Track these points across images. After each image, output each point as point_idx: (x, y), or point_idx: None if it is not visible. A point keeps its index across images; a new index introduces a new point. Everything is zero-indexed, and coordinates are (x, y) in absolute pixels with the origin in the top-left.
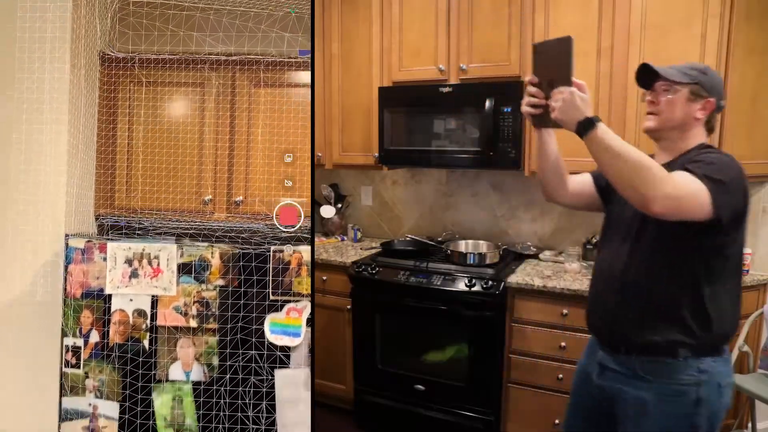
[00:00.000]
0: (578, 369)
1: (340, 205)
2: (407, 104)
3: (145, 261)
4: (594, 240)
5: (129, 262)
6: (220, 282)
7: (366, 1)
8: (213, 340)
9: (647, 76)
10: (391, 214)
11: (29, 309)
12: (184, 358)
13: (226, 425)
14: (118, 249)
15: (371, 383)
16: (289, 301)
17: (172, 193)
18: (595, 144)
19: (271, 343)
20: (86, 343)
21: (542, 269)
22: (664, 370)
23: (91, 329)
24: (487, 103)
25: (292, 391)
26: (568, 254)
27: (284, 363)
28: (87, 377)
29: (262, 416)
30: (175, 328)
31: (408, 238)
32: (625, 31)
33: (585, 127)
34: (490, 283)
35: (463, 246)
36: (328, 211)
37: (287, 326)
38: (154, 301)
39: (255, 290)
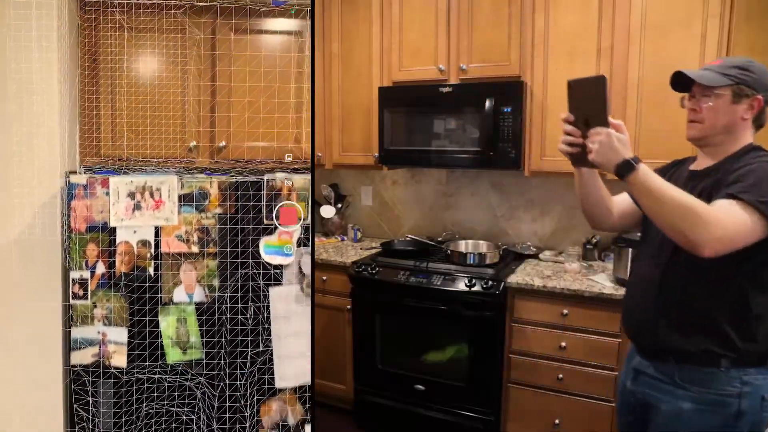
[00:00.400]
0: (620, 377)
1: (340, 205)
2: (407, 104)
3: (147, 194)
4: (594, 240)
5: (131, 195)
6: (219, 210)
7: (366, 1)
8: (213, 263)
9: (683, 80)
10: (391, 214)
11: (30, 246)
12: (186, 282)
13: (228, 338)
14: (121, 183)
15: (371, 383)
16: (282, 225)
17: (157, 140)
18: (635, 187)
19: (266, 263)
20: (93, 274)
21: (542, 269)
22: (704, 379)
23: (97, 261)
24: (487, 103)
25: (285, 305)
26: (568, 254)
27: (278, 281)
28: (95, 307)
29: (261, 329)
30: (178, 254)
31: (408, 238)
32: (625, 31)
33: (624, 170)
34: (490, 283)
35: (463, 246)
36: (328, 211)
37: (280, 247)
38: (157, 231)
39: (251, 215)
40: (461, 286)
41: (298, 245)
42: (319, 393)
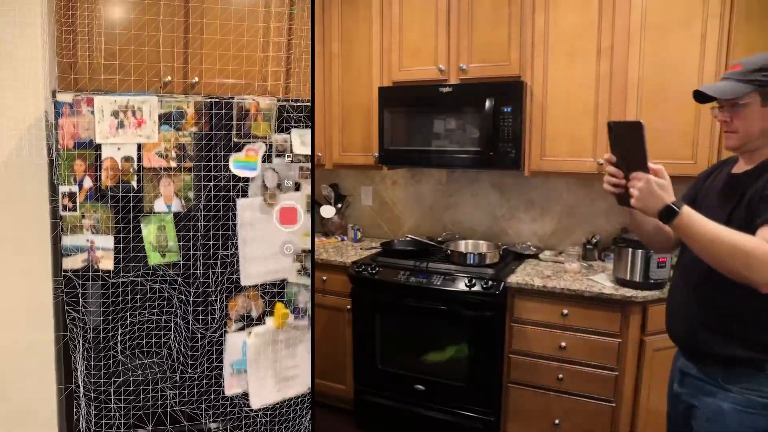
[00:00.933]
0: (669, 379)
1: (340, 205)
2: (407, 104)
3: (129, 113)
4: (594, 240)
5: (115, 114)
6: (194, 129)
7: (366, 1)
8: (189, 177)
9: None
10: (391, 214)
11: (19, 166)
12: (165, 194)
13: (201, 242)
14: (105, 102)
15: (371, 383)
16: (248, 143)
17: (132, 75)
18: (681, 232)
19: (234, 177)
20: (80, 188)
21: (542, 269)
22: (748, 382)
23: (84, 176)
24: (487, 103)
25: (251, 214)
26: (568, 254)
27: (245, 192)
28: (83, 217)
29: (230, 234)
30: (158, 169)
31: (408, 238)
32: (625, 31)
33: (667, 216)
34: (490, 283)
35: (463, 246)
36: (328, 211)
37: (246, 162)
38: (139, 147)
39: (222, 133)
40: (461, 286)
41: (263, 161)
42: (319, 393)
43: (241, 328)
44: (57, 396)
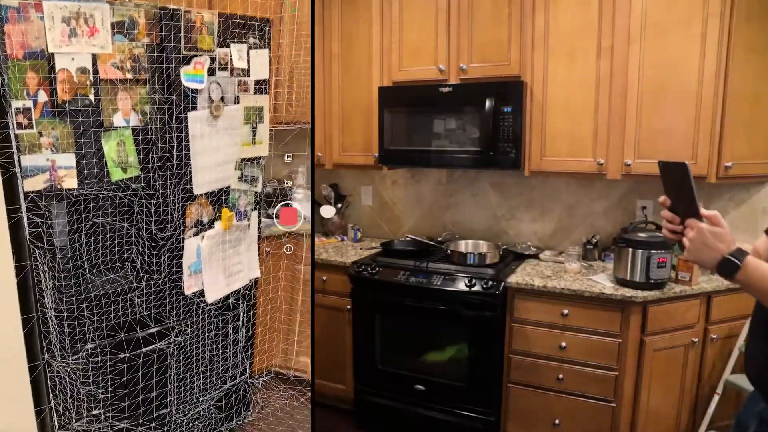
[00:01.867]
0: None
1: (340, 205)
2: (407, 104)
3: (81, 20)
4: (594, 240)
5: (66, 21)
6: (146, 40)
7: (366, 1)
8: (144, 90)
9: None
10: (391, 214)
11: None
12: (123, 108)
13: (159, 154)
14: (54, 8)
15: (371, 383)
16: (195, 56)
17: None
18: (744, 285)
19: (185, 89)
20: (35, 103)
21: (542, 269)
22: None
23: (38, 90)
24: (487, 103)
25: (199, 126)
26: (568, 254)
27: (194, 105)
28: (41, 135)
29: (183, 144)
30: (115, 81)
31: (408, 238)
32: (625, 30)
33: (727, 272)
34: (490, 283)
35: (463, 246)
36: (328, 211)
37: (194, 75)
38: (94, 59)
39: (173, 45)
40: (461, 286)
41: (209, 74)
42: (319, 393)
43: (196, 233)
44: (23, 326)
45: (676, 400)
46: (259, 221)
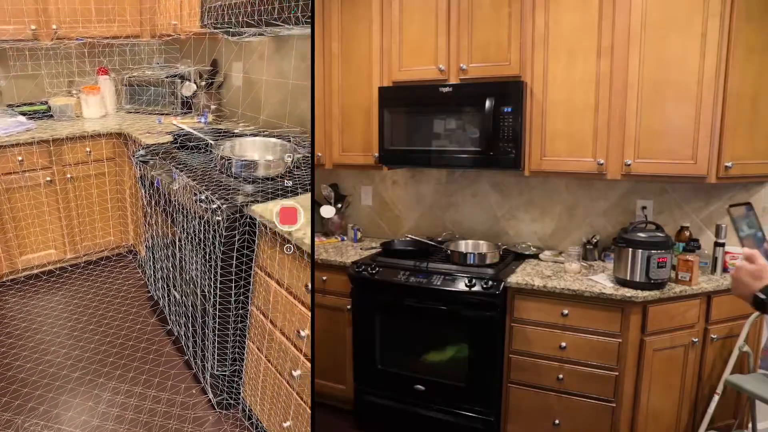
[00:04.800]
0: None
1: (340, 205)
2: (407, 104)
3: None
4: (594, 240)
5: None
6: None
7: (366, 1)
8: None
9: None
10: (391, 214)
11: None
12: None
13: None
14: None
15: (371, 383)
16: None
17: None
18: None
19: None
20: None
21: (542, 269)
22: None
23: None
24: (487, 103)
25: None
26: (568, 254)
27: None
28: None
29: None
30: None
31: (408, 238)
32: (626, 30)
33: (758, 307)
34: (490, 283)
35: (463, 246)
36: (328, 211)
37: None
38: None
39: None
40: (461, 286)
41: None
42: (319, 393)
43: None
44: None
45: (676, 400)
46: None
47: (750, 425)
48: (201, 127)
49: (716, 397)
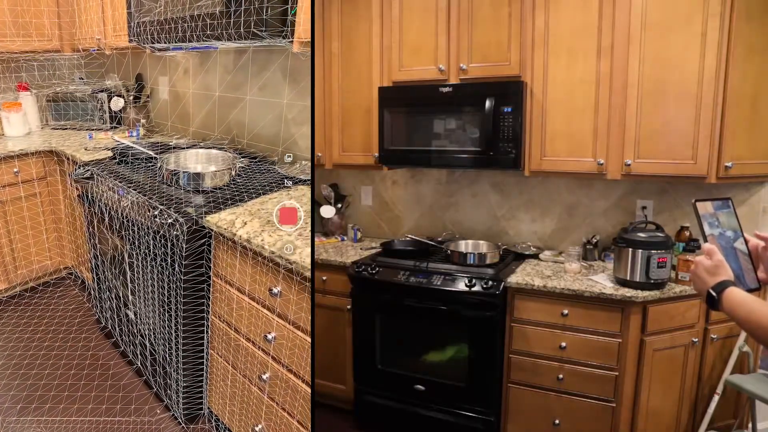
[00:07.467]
0: None
1: (340, 205)
2: (407, 104)
3: None
4: (594, 240)
5: None
6: None
7: (366, 1)
8: None
9: None
10: (391, 214)
11: None
12: None
13: None
14: None
15: (371, 383)
16: None
17: None
18: (729, 316)
19: None
20: None
21: (542, 269)
22: None
23: None
24: (487, 103)
25: None
26: (568, 254)
27: None
28: None
29: None
30: None
31: (408, 238)
32: (625, 30)
33: (709, 304)
34: (490, 283)
35: (463, 246)
36: (328, 211)
37: None
38: None
39: None
40: (461, 286)
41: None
42: (319, 393)
43: None
44: None
45: (676, 400)
46: None
47: (750, 425)
48: (135, 142)
49: (716, 397)
